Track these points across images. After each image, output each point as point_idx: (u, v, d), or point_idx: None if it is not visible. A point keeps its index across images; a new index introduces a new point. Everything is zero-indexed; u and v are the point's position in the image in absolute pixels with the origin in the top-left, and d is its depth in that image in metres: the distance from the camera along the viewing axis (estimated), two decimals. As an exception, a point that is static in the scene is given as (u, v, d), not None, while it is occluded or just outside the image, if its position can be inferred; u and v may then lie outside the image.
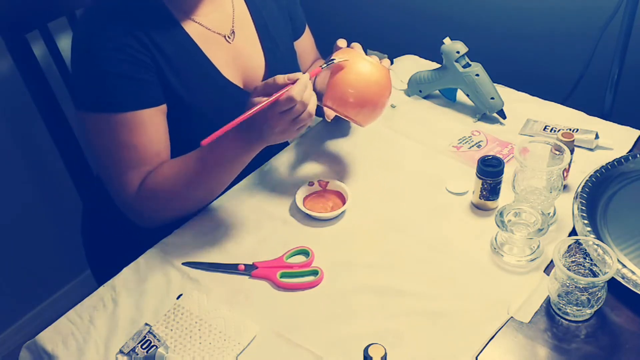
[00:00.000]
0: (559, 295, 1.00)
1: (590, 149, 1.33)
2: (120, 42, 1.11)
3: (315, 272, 1.10)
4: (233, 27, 1.27)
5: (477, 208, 1.21)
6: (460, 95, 1.48)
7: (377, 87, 1.16)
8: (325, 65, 1.14)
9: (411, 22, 2.09)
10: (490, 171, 1.16)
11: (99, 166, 1.19)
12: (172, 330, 1.01)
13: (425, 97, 1.51)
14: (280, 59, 1.33)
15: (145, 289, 1.09)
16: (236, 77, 1.26)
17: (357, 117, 1.18)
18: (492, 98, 1.40)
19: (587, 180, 1.20)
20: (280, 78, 1.05)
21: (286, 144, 1.55)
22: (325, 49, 1.56)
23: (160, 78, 1.16)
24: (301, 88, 1.04)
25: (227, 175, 1.15)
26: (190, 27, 1.21)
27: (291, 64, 1.38)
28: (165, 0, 1.18)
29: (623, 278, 1.03)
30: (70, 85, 1.40)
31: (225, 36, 1.25)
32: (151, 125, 1.15)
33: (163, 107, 1.18)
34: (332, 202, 1.22)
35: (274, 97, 1.03)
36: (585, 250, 1.02)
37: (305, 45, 1.47)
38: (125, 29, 1.12)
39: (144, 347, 0.97)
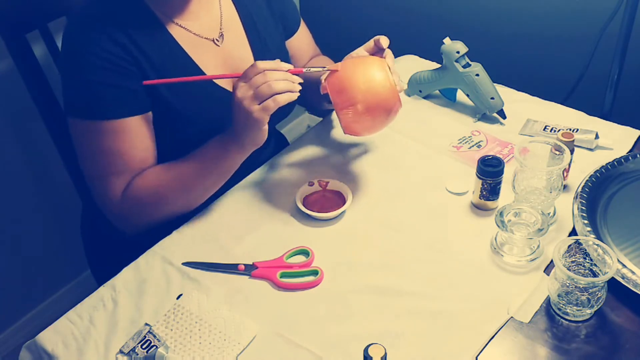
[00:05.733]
0: (559, 295, 1.00)
1: (590, 149, 1.33)
2: (104, 50, 1.12)
3: (315, 272, 1.10)
4: (221, 29, 1.26)
5: (477, 208, 1.21)
6: (460, 95, 1.47)
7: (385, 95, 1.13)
8: (308, 69, 1.16)
9: (411, 23, 2.09)
10: (490, 171, 1.16)
11: (84, 171, 1.21)
12: (172, 330, 1.01)
13: (425, 97, 1.51)
14: (270, 59, 1.32)
15: (145, 289, 1.09)
16: (225, 80, 1.26)
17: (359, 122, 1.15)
18: (492, 98, 1.40)
19: (587, 180, 1.20)
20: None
21: (286, 143, 1.55)
22: (326, 50, 1.56)
23: (146, 86, 1.16)
24: (270, 63, 1.08)
25: (211, 182, 1.18)
26: (177, 33, 1.20)
27: None
28: (152, 6, 1.18)
29: (623, 278, 1.03)
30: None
31: (213, 39, 1.25)
32: (136, 133, 1.16)
33: (149, 115, 1.19)
34: (332, 202, 1.22)
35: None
36: (585, 250, 1.02)
37: (301, 41, 1.46)
38: (110, 36, 1.12)
39: (144, 347, 0.97)
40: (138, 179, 1.17)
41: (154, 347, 0.96)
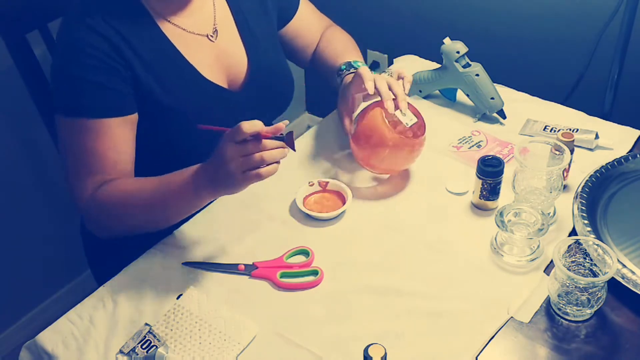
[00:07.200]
0: (559, 295, 1.00)
1: (590, 149, 1.33)
2: (94, 47, 1.12)
3: (315, 272, 1.10)
4: (215, 25, 1.27)
5: (477, 208, 1.21)
6: (460, 95, 1.47)
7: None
8: (280, 134, 1.03)
9: (411, 23, 2.09)
10: (490, 171, 1.16)
11: (63, 167, 1.20)
12: (172, 330, 1.01)
13: (425, 97, 1.51)
14: (262, 54, 1.32)
15: (145, 289, 1.09)
16: (219, 76, 1.26)
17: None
18: (492, 98, 1.40)
19: (587, 180, 1.20)
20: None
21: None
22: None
23: (136, 84, 1.16)
24: (251, 126, 0.99)
25: (175, 212, 1.12)
26: (170, 30, 1.20)
27: (274, 58, 1.37)
28: (145, 3, 1.18)
29: (623, 278, 1.03)
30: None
31: (207, 36, 1.25)
32: (115, 135, 1.16)
33: (132, 118, 1.18)
34: (332, 202, 1.22)
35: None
36: (585, 250, 1.02)
37: (305, 18, 1.45)
38: (101, 34, 1.12)
39: (144, 347, 0.97)
40: (107, 185, 1.15)
41: (154, 347, 0.96)
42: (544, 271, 1.09)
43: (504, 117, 1.42)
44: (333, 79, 1.39)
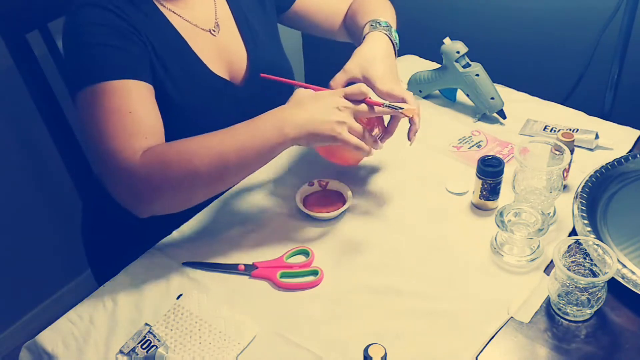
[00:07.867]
0: (559, 295, 1.00)
1: (590, 149, 1.33)
2: (104, 18, 1.10)
3: (315, 272, 1.10)
4: (217, 19, 1.27)
5: (477, 208, 1.21)
6: (460, 95, 1.48)
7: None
8: (387, 105, 1.11)
9: (411, 23, 2.08)
10: (490, 171, 1.16)
11: (93, 142, 1.08)
12: (172, 330, 1.01)
13: (425, 97, 1.51)
14: (261, 49, 1.33)
15: (145, 289, 1.09)
16: (222, 70, 1.26)
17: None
18: (492, 98, 1.40)
19: (587, 180, 1.20)
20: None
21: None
22: (325, 50, 1.56)
23: (150, 65, 1.15)
24: (367, 90, 1.08)
25: (249, 160, 1.05)
26: (176, 22, 1.21)
27: (274, 53, 1.37)
28: None
29: (623, 278, 1.03)
30: (64, 77, 1.40)
31: (210, 30, 1.25)
32: (141, 98, 1.10)
33: (151, 88, 1.13)
34: (332, 202, 1.22)
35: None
36: (585, 250, 1.02)
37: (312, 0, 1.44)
38: (111, 10, 1.11)
39: (144, 347, 0.97)
40: (162, 145, 1.07)
41: (154, 347, 0.96)
42: (544, 271, 1.09)
43: (504, 117, 1.42)
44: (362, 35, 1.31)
